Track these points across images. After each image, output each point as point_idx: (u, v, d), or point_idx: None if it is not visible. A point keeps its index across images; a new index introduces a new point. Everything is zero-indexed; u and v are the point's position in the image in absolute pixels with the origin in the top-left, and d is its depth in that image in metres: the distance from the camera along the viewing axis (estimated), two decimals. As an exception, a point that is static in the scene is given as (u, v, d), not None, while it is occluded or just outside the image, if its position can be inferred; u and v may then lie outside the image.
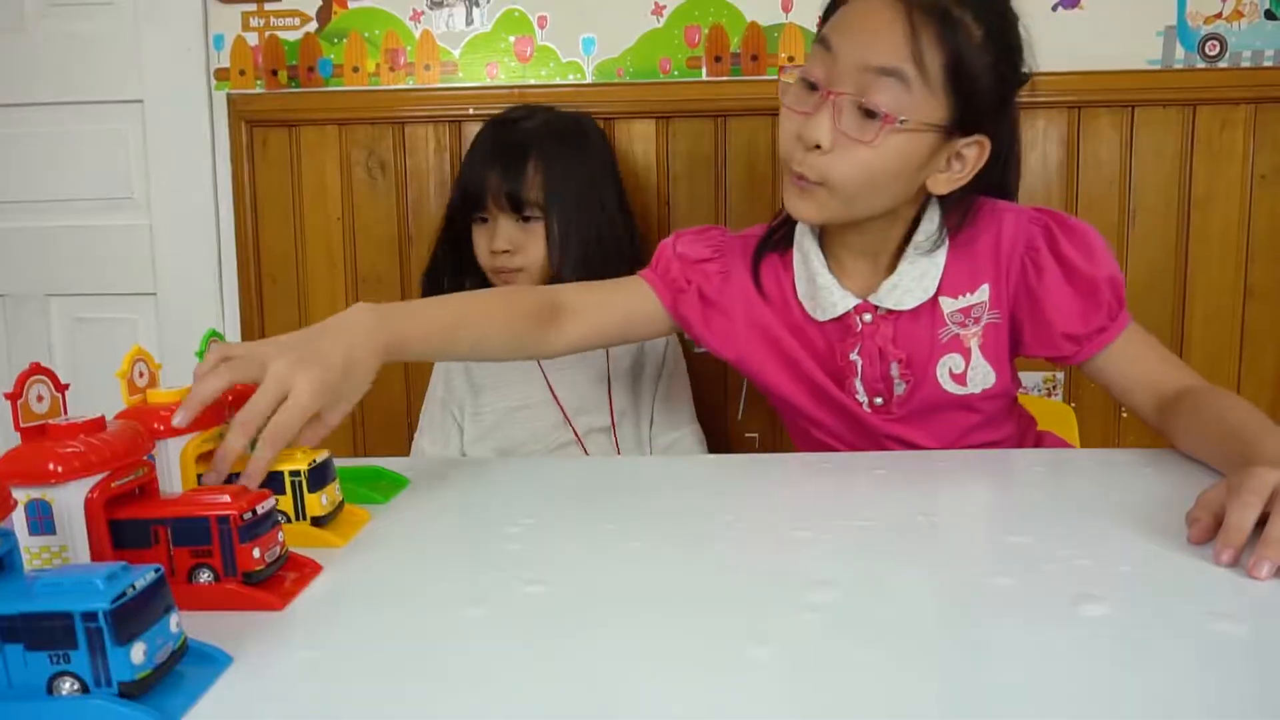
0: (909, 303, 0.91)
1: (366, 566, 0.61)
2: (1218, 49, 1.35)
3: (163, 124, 1.51)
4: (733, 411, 1.47)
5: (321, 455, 0.67)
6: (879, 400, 0.95)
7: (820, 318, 0.95)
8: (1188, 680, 0.43)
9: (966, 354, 0.93)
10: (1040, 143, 1.39)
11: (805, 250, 0.96)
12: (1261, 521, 0.57)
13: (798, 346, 0.97)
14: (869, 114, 0.82)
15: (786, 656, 0.46)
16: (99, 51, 1.51)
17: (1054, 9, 1.37)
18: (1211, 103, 1.36)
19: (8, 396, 0.50)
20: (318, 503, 0.65)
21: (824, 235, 0.96)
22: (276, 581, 0.55)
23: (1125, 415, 1.40)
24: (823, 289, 0.93)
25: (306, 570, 0.58)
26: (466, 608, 0.53)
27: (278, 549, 0.55)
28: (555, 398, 1.27)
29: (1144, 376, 0.90)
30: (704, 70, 1.43)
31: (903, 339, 0.93)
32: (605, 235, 1.27)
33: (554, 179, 1.23)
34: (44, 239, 1.55)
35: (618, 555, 0.62)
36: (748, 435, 1.47)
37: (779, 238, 0.99)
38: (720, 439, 1.42)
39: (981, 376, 0.92)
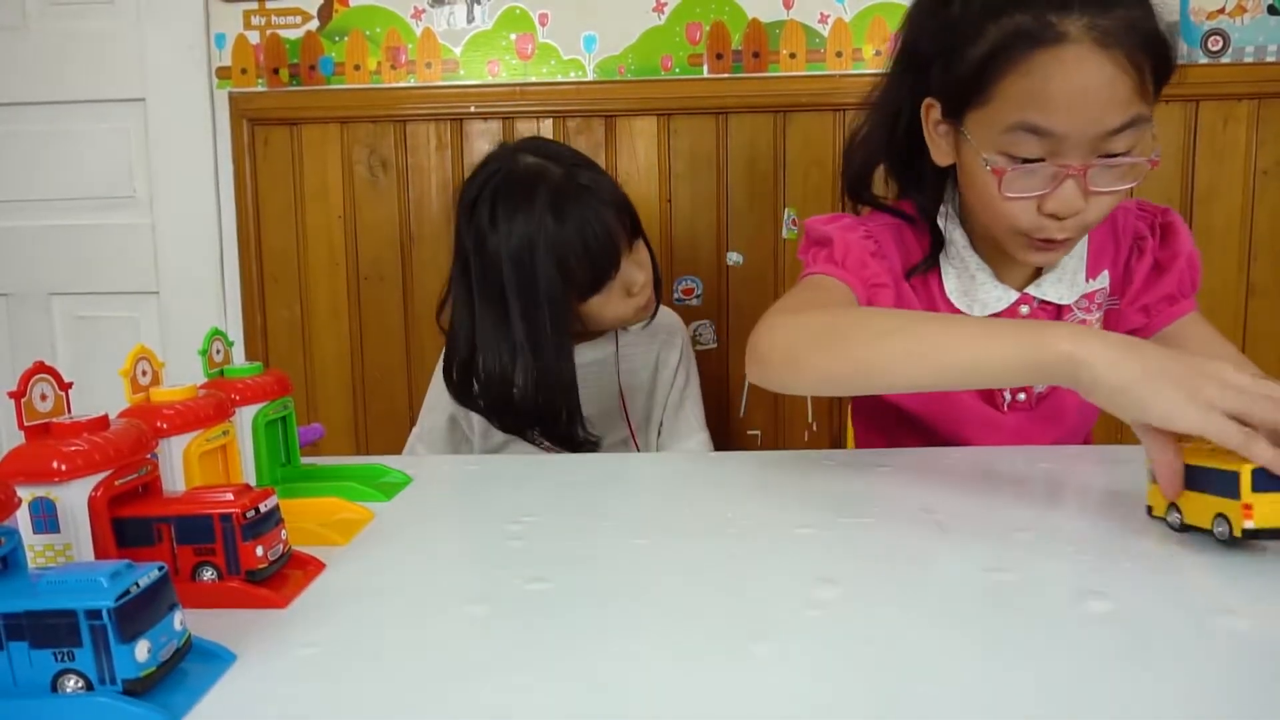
0: (1068, 296, 0.90)
1: (369, 565, 0.61)
2: (1220, 44, 1.35)
3: (164, 123, 1.51)
4: (735, 409, 1.47)
5: None
6: (1021, 396, 0.94)
7: (980, 313, 0.90)
8: (1193, 676, 0.43)
9: None
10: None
11: (958, 253, 0.91)
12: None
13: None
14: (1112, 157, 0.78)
15: (789, 654, 0.46)
16: (101, 50, 1.51)
17: (1056, 5, 1.37)
18: (1214, 98, 1.36)
19: (11, 395, 0.50)
20: None
21: (973, 237, 0.92)
22: (280, 579, 0.55)
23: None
24: (982, 285, 0.90)
25: (310, 568, 0.58)
26: (469, 605, 0.53)
27: (280, 547, 0.55)
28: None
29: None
30: (705, 67, 1.43)
31: None
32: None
33: (625, 204, 1.16)
34: (46, 238, 1.56)
35: (620, 553, 0.62)
36: (750, 433, 1.47)
37: (927, 264, 0.92)
38: (723, 436, 1.42)
39: None
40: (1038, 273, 0.91)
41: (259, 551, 0.53)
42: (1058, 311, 0.92)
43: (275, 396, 0.74)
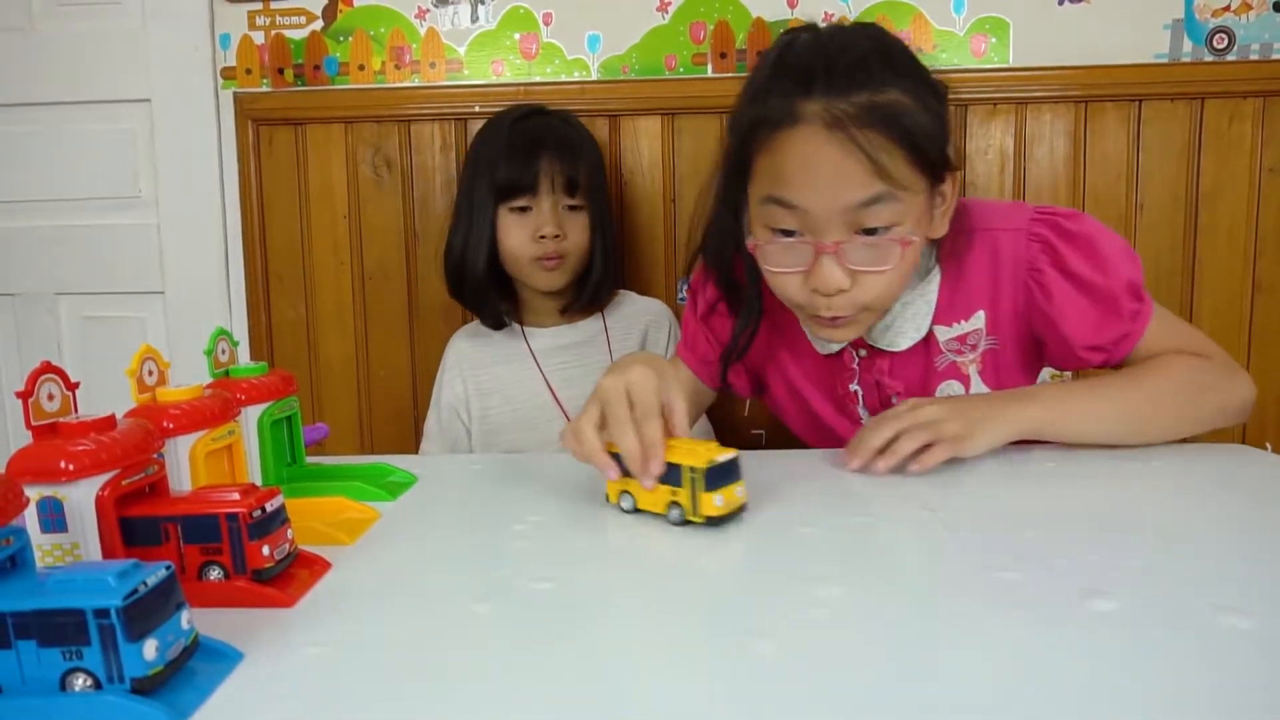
0: (902, 343, 0.91)
1: (375, 564, 0.61)
2: (1225, 42, 1.35)
3: (170, 123, 1.51)
4: (737, 408, 1.47)
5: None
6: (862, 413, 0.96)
7: (822, 352, 0.96)
8: (1197, 675, 0.43)
9: (966, 380, 0.92)
10: (1047, 137, 1.38)
11: None
12: None
13: (801, 374, 0.98)
14: (872, 235, 0.80)
15: (792, 653, 0.46)
16: (106, 51, 1.51)
17: (1060, 3, 1.36)
18: (1219, 96, 1.35)
19: (19, 395, 0.51)
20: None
21: None
22: (286, 579, 0.56)
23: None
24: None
25: (316, 567, 0.58)
26: (474, 604, 0.53)
27: (287, 546, 0.56)
28: (559, 402, 1.27)
29: None
30: (709, 67, 1.42)
31: (899, 371, 0.93)
32: (611, 232, 1.31)
33: (594, 169, 1.28)
34: (53, 238, 1.56)
35: (624, 552, 0.62)
36: (754, 432, 1.47)
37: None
38: (725, 436, 1.42)
39: None
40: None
41: (265, 551, 0.53)
42: (893, 354, 0.92)
43: (280, 396, 0.74)
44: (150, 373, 0.63)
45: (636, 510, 0.69)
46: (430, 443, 1.34)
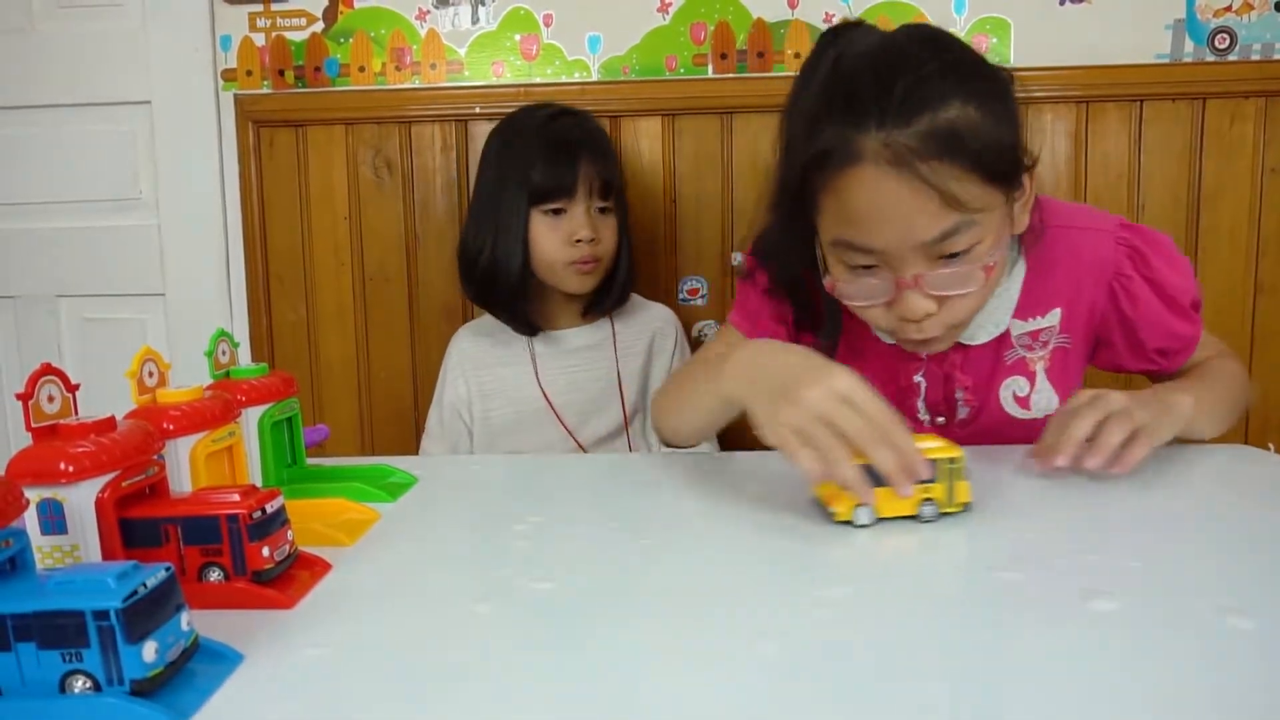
0: (981, 338, 0.89)
1: (375, 565, 0.61)
2: (1227, 42, 1.35)
3: (170, 125, 1.51)
4: (740, 409, 1.47)
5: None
6: (940, 419, 0.93)
7: (887, 340, 0.90)
8: (1198, 676, 0.43)
9: (1031, 377, 0.91)
10: (1048, 137, 1.38)
11: None
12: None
13: (863, 362, 0.92)
14: (953, 259, 0.76)
15: (795, 653, 0.46)
16: (106, 53, 1.51)
17: (1061, 3, 1.36)
18: (1221, 96, 1.35)
19: (19, 397, 0.51)
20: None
21: None
22: (286, 580, 0.56)
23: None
24: None
25: (316, 569, 0.58)
26: (475, 605, 0.53)
27: (287, 547, 0.56)
28: (552, 407, 1.26)
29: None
30: (710, 67, 1.42)
31: (969, 365, 0.91)
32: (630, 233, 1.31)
33: (619, 170, 1.27)
34: (53, 240, 1.56)
35: (625, 552, 0.62)
36: (755, 432, 1.47)
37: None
38: (728, 435, 1.42)
39: (1045, 401, 0.91)
40: None
41: (265, 552, 0.53)
42: (968, 347, 0.90)
43: (281, 397, 0.74)
44: (150, 374, 0.63)
45: (879, 520, 0.65)
46: (431, 440, 1.33)
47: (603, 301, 1.28)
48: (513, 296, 1.24)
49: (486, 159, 1.27)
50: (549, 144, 1.21)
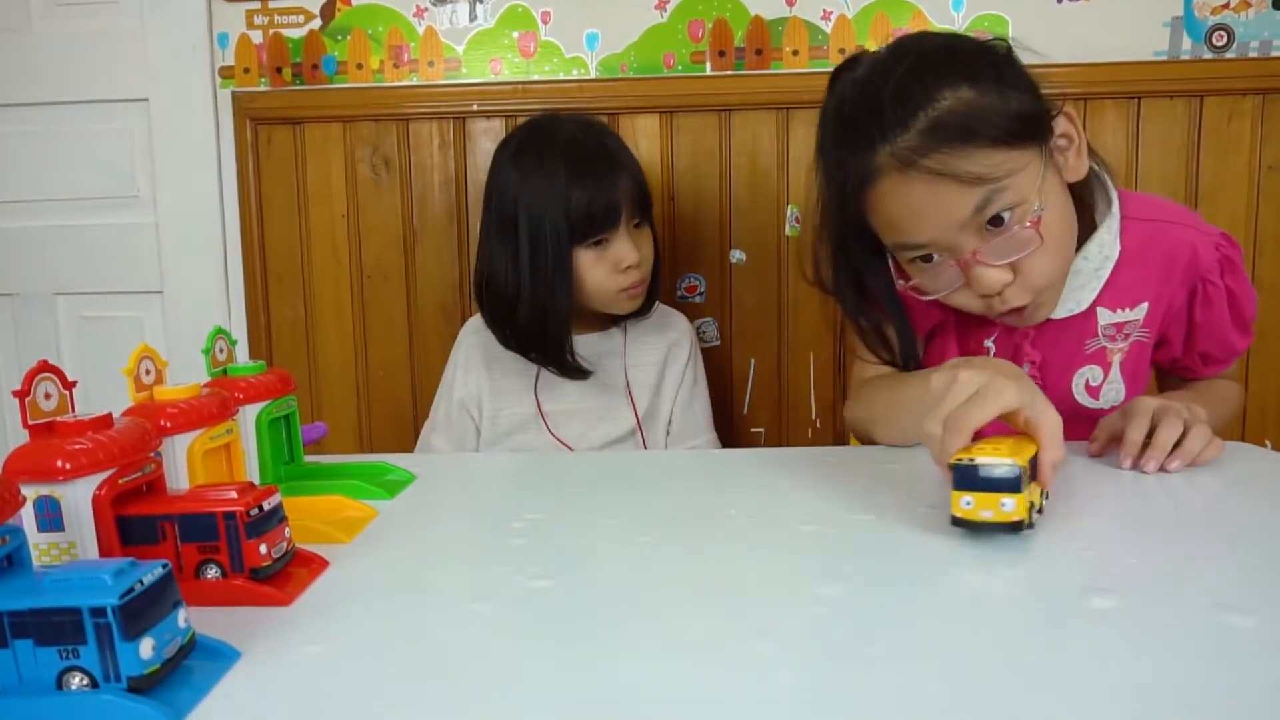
0: (1059, 312, 0.90)
1: (373, 562, 0.61)
2: (1225, 39, 1.35)
3: (168, 122, 1.51)
4: (738, 406, 1.47)
5: None
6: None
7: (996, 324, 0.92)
8: (1197, 673, 0.43)
9: (1106, 368, 0.92)
10: (1046, 135, 1.38)
11: None
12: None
13: (950, 313, 0.94)
14: (1001, 224, 0.78)
15: (792, 651, 0.46)
16: (104, 50, 1.51)
17: (1059, 1, 1.36)
18: (1218, 94, 1.35)
19: (16, 394, 0.50)
20: None
21: None
22: (284, 577, 0.56)
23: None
24: None
25: (314, 566, 0.58)
26: (473, 603, 0.53)
27: (284, 545, 0.56)
28: (543, 416, 1.23)
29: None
30: (708, 65, 1.42)
31: (1044, 342, 0.91)
32: None
33: (644, 177, 1.22)
34: (50, 238, 1.56)
35: (623, 550, 0.62)
36: (754, 430, 1.47)
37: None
38: (726, 434, 1.42)
39: (1115, 392, 0.92)
40: None
41: (263, 549, 0.53)
42: (1045, 321, 0.90)
43: (278, 395, 0.74)
44: (148, 372, 0.63)
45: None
46: (437, 433, 1.28)
47: (639, 311, 1.24)
48: (560, 341, 1.17)
49: (501, 186, 1.17)
50: (582, 174, 1.12)
